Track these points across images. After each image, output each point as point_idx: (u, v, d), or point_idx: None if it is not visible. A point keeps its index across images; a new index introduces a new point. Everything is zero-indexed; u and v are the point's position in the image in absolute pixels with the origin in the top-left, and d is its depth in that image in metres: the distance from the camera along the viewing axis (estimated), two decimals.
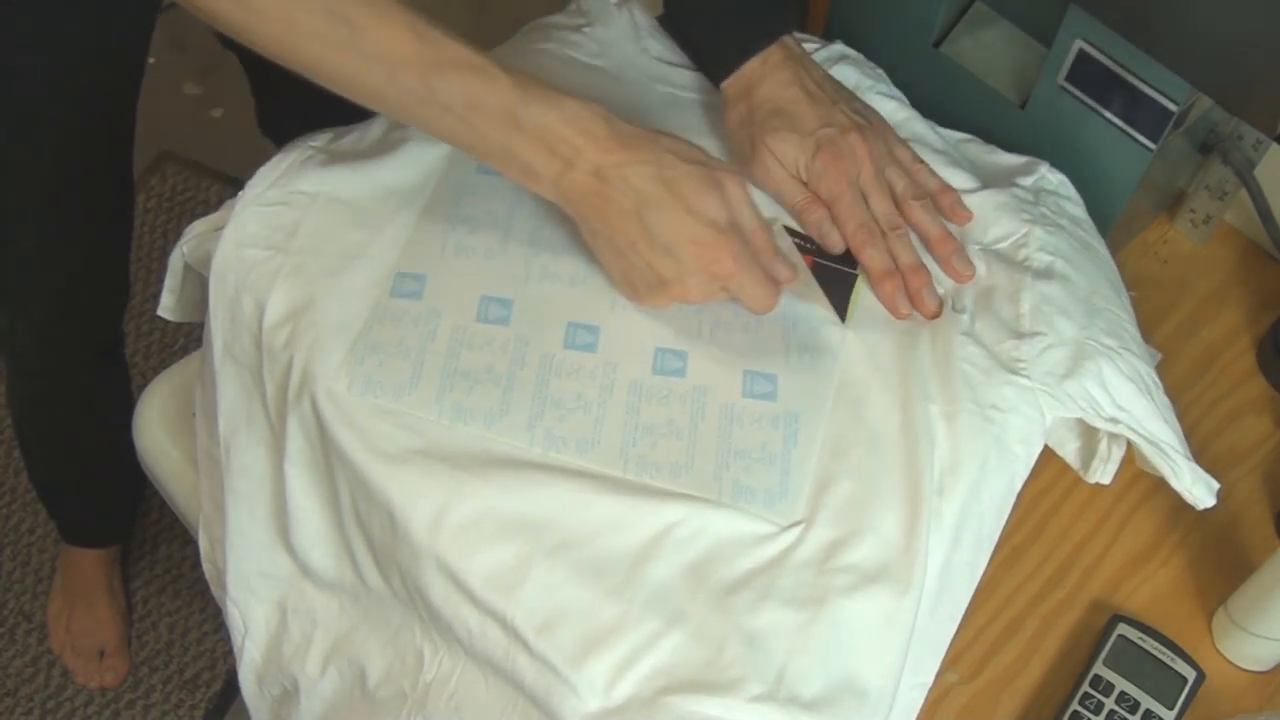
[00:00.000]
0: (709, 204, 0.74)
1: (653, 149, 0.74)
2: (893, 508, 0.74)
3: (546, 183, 0.74)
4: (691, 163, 0.74)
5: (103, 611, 1.63)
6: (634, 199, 0.73)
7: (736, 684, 0.69)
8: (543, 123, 0.72)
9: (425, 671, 0.75)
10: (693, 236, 0.73)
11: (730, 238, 0.74)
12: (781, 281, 0.78)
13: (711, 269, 0.74)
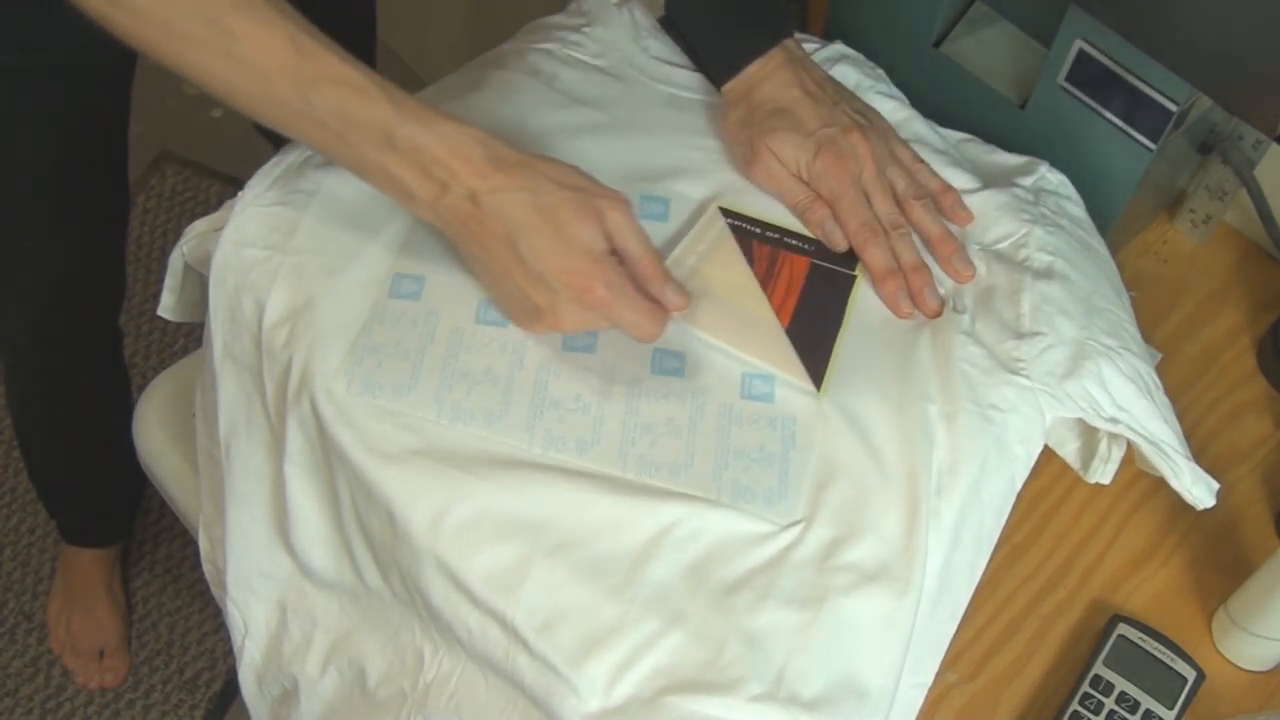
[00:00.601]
0: (584, 231, 0.72)
1: (529, 175, 0.72)
2: (892, 507, 0.74)
3: (423, 205, 0.73)
4: (569, 189, 0.72)
5: (103, 612, 1.63)
6: (507, 225, 0.71)
7: (736, 684, 0.69)
8: (417, 144, 0.71)
9: (425, 671, 0.75)
10: (564, 265, 0.72)
11: (604, 267, 0.72)
12: (673, 309, 0.75)
13: (583, 298, 0.72)
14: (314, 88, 0.70)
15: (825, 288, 0.82)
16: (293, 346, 0.77)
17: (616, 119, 0.88)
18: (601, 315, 0.73)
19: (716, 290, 0.81)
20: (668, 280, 0.75)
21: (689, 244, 0.83)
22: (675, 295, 0.75)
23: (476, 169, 0.71)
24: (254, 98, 0.71)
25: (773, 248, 0.84)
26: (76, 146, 1.07)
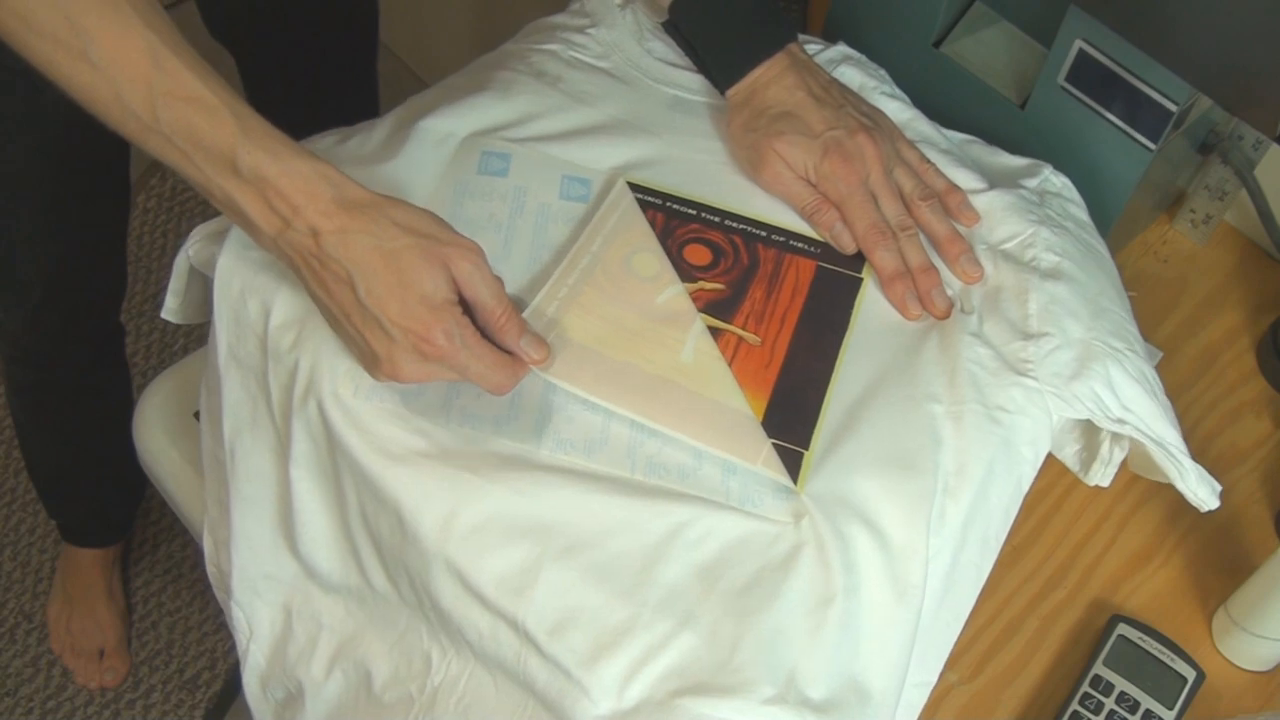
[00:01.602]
0: (426, 279, 0.69)
1: (376, 218, 0.69)
2: (897, 508, 0.74)
3: (265, 238, 0.71)
4: (416, 235, 0.70)
5: (102, 612, 1.63)
6: (347, 268, 0.69)
7: (748, 686, 0.69)
8: (262, 174, 0.69)
9: (433, 674, 0.75)
10: (402, 312, 0.69)
11: (443, 316, 0.69)
12: (529, 362, 0.73)
13: (420, 348, 0.70)
14: (165, 103, 0.68)
15: (832, 290, 0.82)
16: (299, 349, 0.77)
17: (620, 121, 0.88)
18: (442, 366, 0.71)
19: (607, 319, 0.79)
20: (523, 331, 0.73)
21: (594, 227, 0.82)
22: (531, 347, 0.73)
23: (321, 207, 0.69)
24: (109, 105, 0.69)
25: (779, 250, 0.84)
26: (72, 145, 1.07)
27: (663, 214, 0.84)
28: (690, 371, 0.77)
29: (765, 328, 0.80)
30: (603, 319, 0.78)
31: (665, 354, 0.77)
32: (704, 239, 0.83)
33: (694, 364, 0.77)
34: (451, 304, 0.70)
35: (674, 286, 0.80)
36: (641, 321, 0.78)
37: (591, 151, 0.87)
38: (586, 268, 0.80)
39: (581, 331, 0.77)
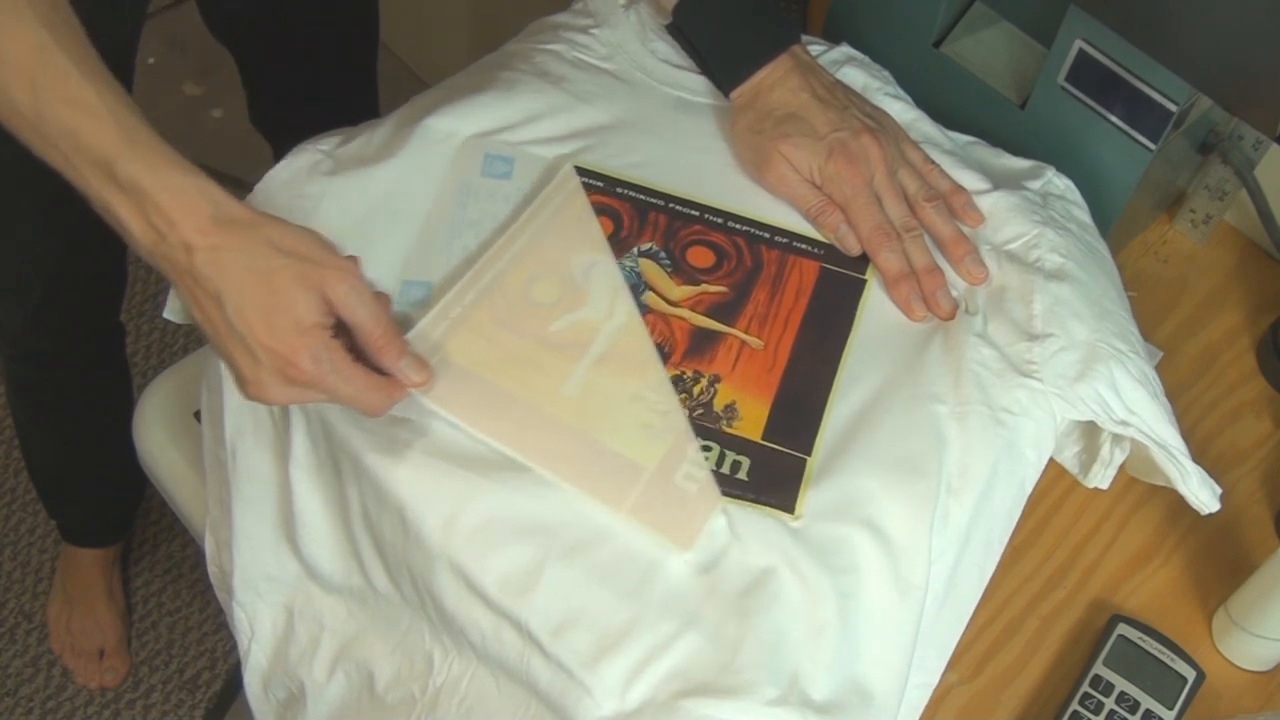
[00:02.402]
0: (297, 302, 0.68)
1: (251, 237, 0.68)
2: (901, 509, 0.74)
3: (143, 249, 0.70)
4: (291, 256, 0.69)
5: (102, 612, 1.63)
6: (218, 286, 0.68)
7: (751, 687, 0.69)
8: (139, 186, 0.67)
9: (435, 675, 0.75)
10: (269, 334, 0.68)
11: (311, 339, 0.68)
12: (409, 385, 0.72)
13: (286, 371, 0.68)
14: (48, 104, 0.67)
15: (835, 292, 0.82)
16: None
17: (624, 122, 0.88)
18: (310, 389, 0.70)
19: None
20: (403, 353, 0.72)
21: (536, 208, 0.81)
22: (411, 370, 0.72)
23: (197, 224, 0.67)
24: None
25: (782, 252, 0.84)
26: None
27: (665, 215, 0.84)
28: (573, 406, 0.75)
29: (768, 331, 0.80)
30: (492, 344, 0.77)
31: (550, 385, 0.75)
32: (707, 241, 0.83)
33: (577, 398, 0.75)
34: (321, 328, 0.69)
35: (571, 315, 0.78)
36: (532, 349, 0.77)
37: (594, 153, 0.86)
38: (485, 288, 0.78)
39: (468, 356, 0.76)
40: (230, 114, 2.01)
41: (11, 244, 1.16)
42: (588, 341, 0.77)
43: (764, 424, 0.76)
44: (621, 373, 0.76)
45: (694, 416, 0.76)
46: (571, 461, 0.73)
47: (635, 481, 0.72)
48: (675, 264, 0.82)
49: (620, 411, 0.75)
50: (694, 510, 0.72)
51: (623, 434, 0.74)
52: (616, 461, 0.73)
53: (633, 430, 0.74)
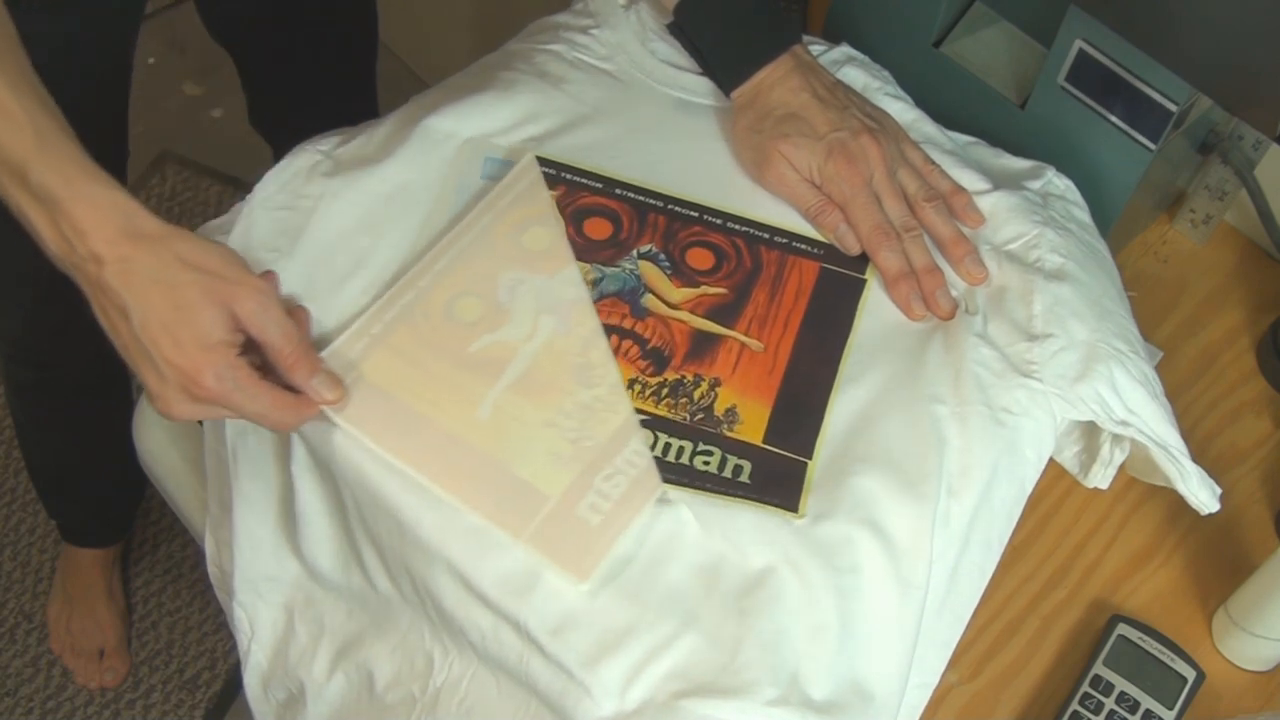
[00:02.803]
0: (203, 318, 0.67)
1: (161, 252, 0.68)
2: (901, 508, 0.74)
3: (55, 258, 0.70)
4: (200, 272, 0.68)
5: (102, 612, 1.63)
6: (125, 299, 0.68)
7: (751, 687, 0.69)
8: (52, 194, 0.67)
9: (435, 675, 0.75)
10: (175, 351, 0.67)
11: (216, 357, 0.68)
12: (320, 403, 0.72)
13: (189, 389, 0.68)
14: None
15: (835, 292, 0.82)
16: None
17: (624, 123, 0.88)
18: (215, 406, 0.69)
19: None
20: (315, 371, 0.71)
21: (491, 199, 0.81)
22: (324, 387, 0.72)
23: (107, 235, 0.67)
24: None
25: (781, 253, 0.84)
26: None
27: (665, 216, 0.84)
28: (484, 429, 0.74)
29: (768, 332, 0.80)
30: (410, 364, 0.75)
31: (462, 408, 0.74)
32: (706, 242, 0.83)
33: (489, 422, 0.74)
34: (227, 345, 0.68)
35: (491, 335, 0.77)
36: (449, 370, 0.75)
37: (593, 153, 0.87)
38: (408, 305, 0.77)
39: (385, 375, 0.75)
40: (230, 114, 2.01)
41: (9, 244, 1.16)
42: (505, 363, 0.76)
43: (765, 427, 0.76)
44: (536, 396, 0.75)
45: (695, 421, 0.76)
46: (476, 487, 0.72)
47: (538, 510, 0.72)
48: (675, 266, 0.82)
49: (531, 437, 0.74)
50: (593, 542, 0.71)
51: (531, 461, 0.73)
52: (521, 489, 0.72)
53: (541, 457, 0.73)
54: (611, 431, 0.74)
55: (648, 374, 0.78)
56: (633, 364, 0.78)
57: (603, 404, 0.75)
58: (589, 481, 0.72)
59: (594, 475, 0.72)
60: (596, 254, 0.82)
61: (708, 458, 0.75)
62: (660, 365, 0.78)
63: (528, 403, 0.75)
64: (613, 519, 0.71)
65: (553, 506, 0.72)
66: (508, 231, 0.80)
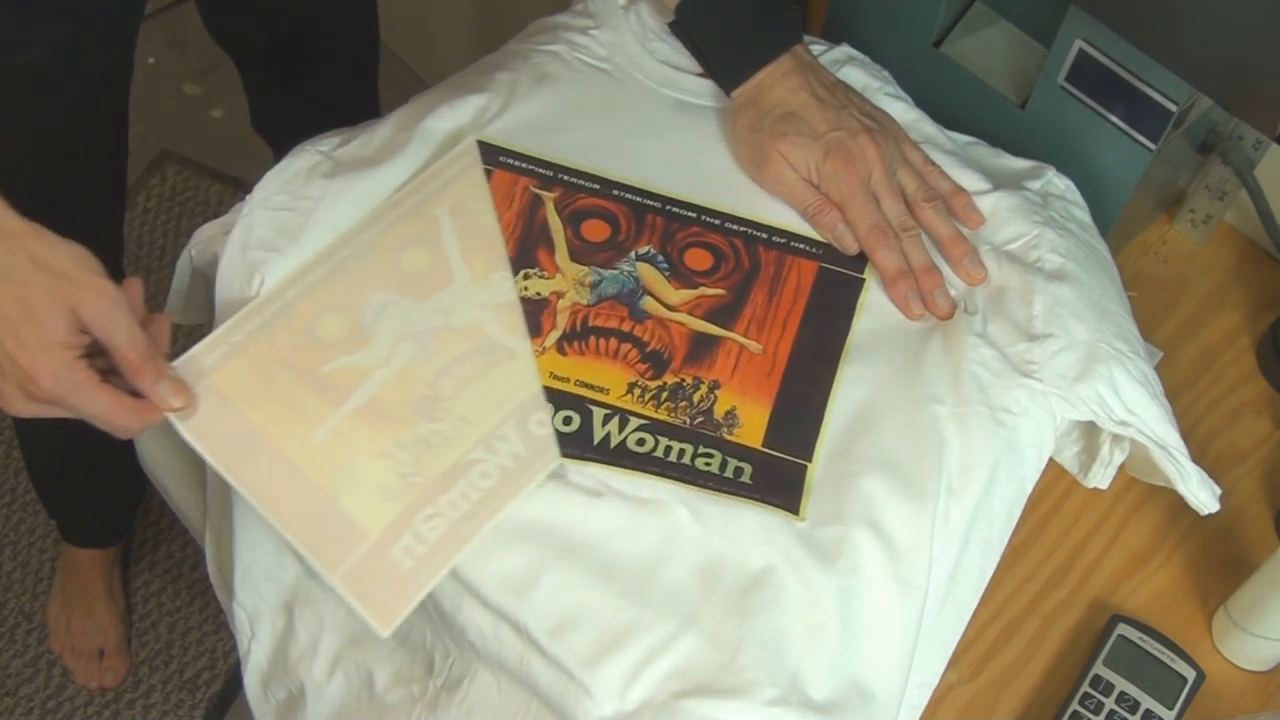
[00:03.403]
0: (46, 318, 0.67)
1: (15, 249, 0.68)
2: (901, 509, 0.74)
3: None
4: (49, 273, 0.68)
5: (102, 612, 1.63)
6: None
7: (751, 687, 0.69)
8: None
9: (436, 676, 0.75)
10: (16, 349, 0.67)
11: (54, 357, 0.67)
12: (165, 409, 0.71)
13: (26, 387, 0.68)
14: None
15: (834, 292, 0.82)
16: None
17: (623, 123, 0.88)
18: (52, 405, 0.69)
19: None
20: (161, 376, 0.70)
21: (418, 184, 0.80)
22: (169, 394, 0.71)
23: None
24: None
25: (780, 252, 0.84)
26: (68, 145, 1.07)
27: (663, 218, 0.84)
28: (315, 455, 0.72)
29: (767, 334, 0.80)
30: (261, 377, 0.74)
31: (301, 430, 0.72)
32: (705, 242, 0.83)
33: (323, 447, 0.72)
34: (67, 346, 0.68)
35: (348, 358, 0.75)
36: (297, 389, 0.73)
37: (591, 154, 0.87)
38: (272, 317, 0.75)
39: (234, 387, 0.73)
40: (230, 114, 2.01)
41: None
42: (354, 387, 0.74)
43: (764, 430, 0.76)
44: (376, 426, 0.73)
45: (695, 424, 0.76)
46: (298, 515, 0.70)
47: (355, 548, 0.70)
48: (673, 267, 0.82)
49: (362, 467, 0.72)
50: (402, 589, 0.69)
51: (357, 493, 0.71)
52: (343, 523, 0.70)
53: (369, 490, 0.71)
54: (443, 469, 0.72)
55: (647, 378, 0.78)
56: (632, 367, 0.78)
57: (441, 439, 0.73)
58: (409, 521, 0.70)
59: (415, 515, 0.71)
60: (594, 256, 0.82)
61: (708, 460, 0.75)
62: (659, 369, 0.78)
63: (366, 431, 0.72)
64: (424, 565, 0.69)
65: (369, 545, 0.70)
66: (389, 248, 0.78)
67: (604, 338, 0.79)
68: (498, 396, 0.74)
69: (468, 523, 0.71)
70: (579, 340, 0.79)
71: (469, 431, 0.73)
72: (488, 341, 0.76)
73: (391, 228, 0.79)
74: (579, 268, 0.82)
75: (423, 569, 0.70)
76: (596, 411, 0.76)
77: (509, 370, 0.75)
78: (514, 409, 0.74)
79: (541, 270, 0.81)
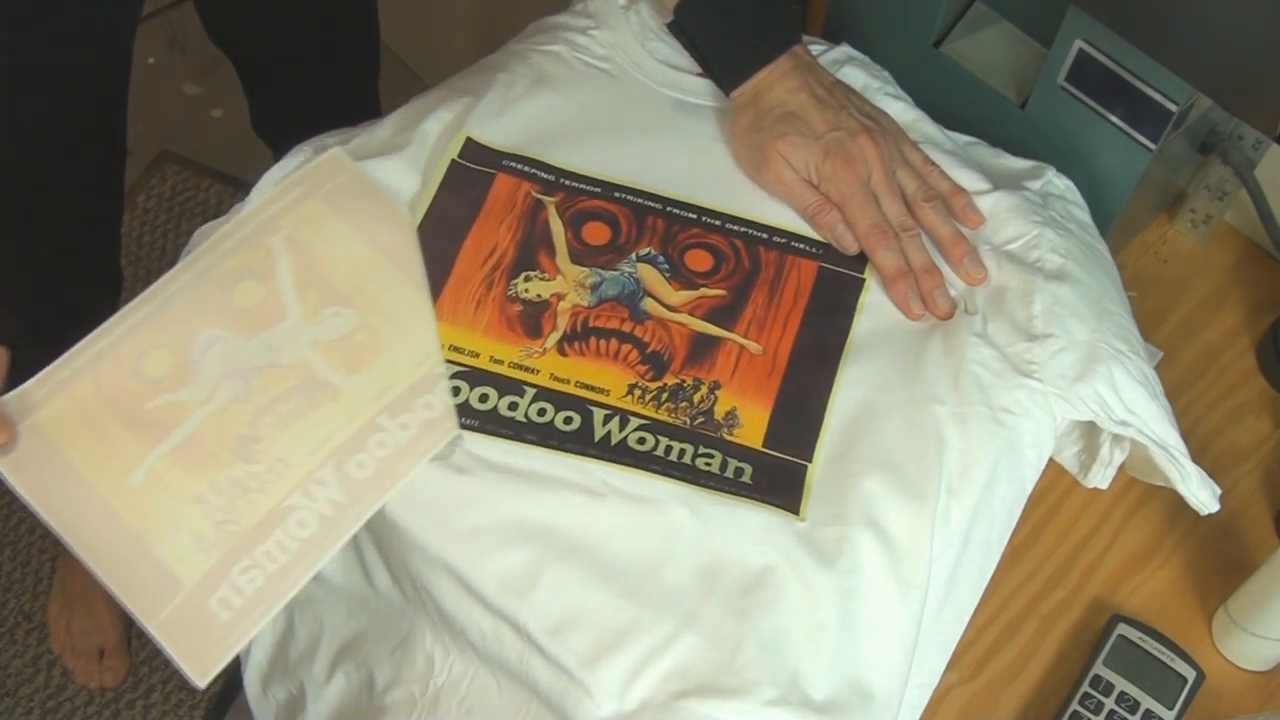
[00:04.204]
0: None
1: None
2: (901, 509, 0.74)
3: None
4: None
5: (102, 612, 1.63)
6: None
7: (751, 687, 0.69)
8: None
9: (436, 676, 0.75)
10: None
11: None
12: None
13: None
14: None
15: (834, 291, 0.82)
16: None
17: (622, 124, 0.88)
18: None
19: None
20: None
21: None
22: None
23: None
24: None
25: (780, 253, 0.84)
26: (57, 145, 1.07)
27: (663, 219, 0.84)
28: (132, 498, 0.68)
29: (767, 334, 0.80)
30: (83, 417, 0.70)
31: (119, 472, 0.69)
32: (705, 243, 0.84)
33: (140, 490, 0.68)
34: None
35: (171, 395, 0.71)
36: (117, 428, 0.70)
37: (592, 155, 0.87)
38: (99, 354, 0.72)
39: (57, 425, 0.69)
40: (230, 114, 2.01)
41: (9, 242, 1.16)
42: (175, 426, 0.70)
43: (765, 430, 0.76)
44: (193, 467, 0.70)
45: (695, 425, 0.76)
46: (117, 561, 0.67)
47: (171, 598, 0.67)
48: (674, 269, 0.82)
49: (178, 512, 0.69)
50: (218, 641, 0.66)
51: (173, 540, 0.68)
52: (159, 571, 0.67)
53: (185, 536, 0.68)
54: (260, 516, 0.68)
55: (647, 379, 0.78)
56: (632, 369, 0.78)
57: (257, 482, 0.69)
58: (226, 571, 0.67)
59: (232, 565, 0.68)
60: (595, 259, 0.82)
61: (709, 460, 0.75)
62: (660, 370, 0.78)
63: (183, 473, 0.69)
64: (242, 617, 0.67)
65: (185, 596, 0.67)
66: (221, 281, 0.74)
67: (604, 338, 0.79)
68: (317, 437, 0.70)
69: (284, 576, 0.67)
70: (579, 341, 0.79)
71: (286, 475, 0.70)
72: (312, 379, 0.72)
73: (225, 258, 0.75)
74: (580, 269, 0.82)
75: (240, 622, 0.67)
76: (597, 412, 0.76)
77: (330, 409, 0.71)
78: (333, 450, 0.70)
79: (542, 272, 0.81)
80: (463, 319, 0.79)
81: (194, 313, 0.74)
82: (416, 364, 0.73)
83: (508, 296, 0.80)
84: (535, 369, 0.78)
